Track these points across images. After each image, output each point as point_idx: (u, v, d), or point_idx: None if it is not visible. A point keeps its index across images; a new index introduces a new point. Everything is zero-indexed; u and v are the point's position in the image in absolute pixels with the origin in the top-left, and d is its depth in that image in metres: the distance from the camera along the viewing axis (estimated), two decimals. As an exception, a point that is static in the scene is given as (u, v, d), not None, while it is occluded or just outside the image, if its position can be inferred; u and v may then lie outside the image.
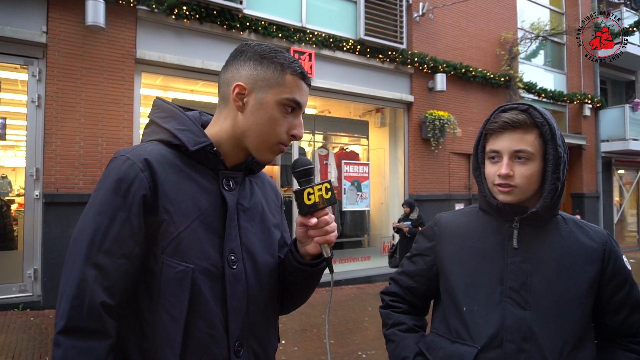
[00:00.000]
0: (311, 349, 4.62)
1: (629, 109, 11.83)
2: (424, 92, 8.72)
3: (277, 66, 0.98)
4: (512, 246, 1.18)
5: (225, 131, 1.01)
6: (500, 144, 1.17)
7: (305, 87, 1.02)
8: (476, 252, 1.21)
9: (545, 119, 1.15)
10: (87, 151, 5.55)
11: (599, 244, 1.18)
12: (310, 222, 0.98)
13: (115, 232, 0.87)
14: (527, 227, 1.19)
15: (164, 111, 1.03)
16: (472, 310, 1.17)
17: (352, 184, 8.06)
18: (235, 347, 0.95)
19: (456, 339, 1.18)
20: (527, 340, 1.10)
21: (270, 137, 0.99)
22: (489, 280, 1.18)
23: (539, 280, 1.14)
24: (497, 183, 1.17)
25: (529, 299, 1.13)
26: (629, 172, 13.45)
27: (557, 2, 12.04)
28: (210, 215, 0.96)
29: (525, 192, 1.17)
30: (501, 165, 1.16)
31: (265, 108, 0.98)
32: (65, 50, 5.45)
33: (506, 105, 1.21)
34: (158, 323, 0.89)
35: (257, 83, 0.98)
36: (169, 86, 7.34)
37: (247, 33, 6.78)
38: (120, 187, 0.89)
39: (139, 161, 0.91)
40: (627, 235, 13.76)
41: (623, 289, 1.18)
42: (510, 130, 1.16)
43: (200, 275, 0.92)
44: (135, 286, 0.92)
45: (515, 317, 1.12)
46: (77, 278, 0.85)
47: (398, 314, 1.38)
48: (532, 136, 1.15)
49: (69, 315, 0.84)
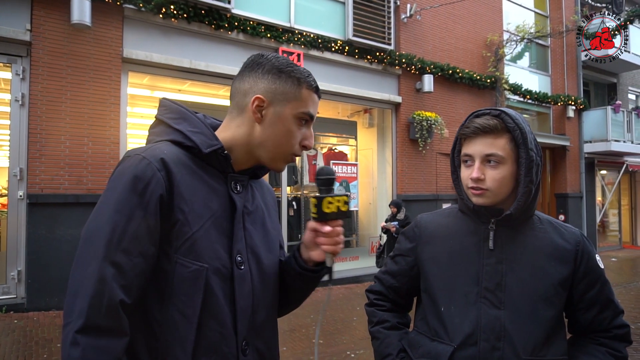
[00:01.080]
0: (300, 349, 4.63)
1: (611, 110, 12.07)
2: (411, 93, 8.79)
3: (294, 81, 1.02)
4: (488, 247, 1.22)
5: (238, 138, 1.04)
6: (472, 149, 1.21)
7: (317, 100, 1.07)
8: (454, 253, 1.25)
9: (516, 124, 1.18)
10: (72, 151, 5.48)
11: (572, 245, 1.22)
12: (324, 229, 1.01)
13: (133, 231, 0.88)
14: (503, 228, 1.23)
15: (173, 112, 1.04)
16: (449, 310, 1.22)
17: (341, 184, 8.08)
18: (242, 346, 0.97)
19: (435, 337, 1.24)
20: (500, 339, 1.15)
21: (286, 149, 1.04)
22: (465, 281, 1.22)
23: (512, 280, 1.18)
24: (470, 186, 1.21)
25: (503, 298, 1.18)
26: (611, 173, 13.71)
27: (542, 5, 12.22)
28: (220, 216, 0.99)
29: (497, 195, 1.20)
30: (473, 169, 1.20)
31: (283, 121, 1.02)
32: (50, 48, 5.37)
33: (479, 111, 1.25)
34: (169, 322, 0.91)
35: (275, 96, 1.01)
36: (156, 86, 7.28)
37: (235, 33, 6.76)
38: (137, 185, 0.89)
39: (156, 161, 0.92)
40: (609, 234, 14.03)
41: (594, 287, 1.22)
42: (482, 135, 1.19)
43: (212, 275, 0.94)
44: (147, 286, 0.92)
45: (489, 317, 1.17)
46: (95, 276, 0.85)
47: (382, 312, 1.42)
48: (503, 140, 1.18)
49: (88, 313, 0.83)
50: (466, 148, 1.24)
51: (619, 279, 8.87)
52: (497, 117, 1.20)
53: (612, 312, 1.24)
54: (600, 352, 1.22)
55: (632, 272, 9.97)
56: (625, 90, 14.72)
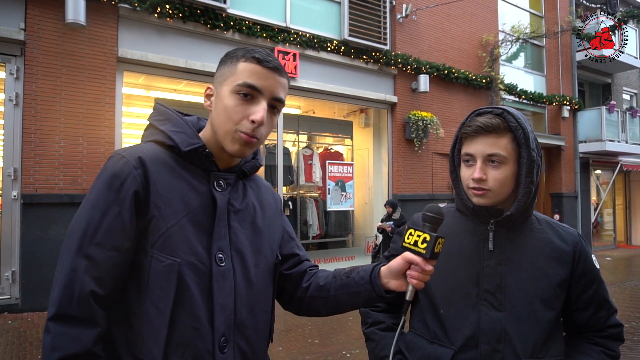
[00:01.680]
0: (295, 349, 4.62)
1: (606, 110, 12.13)
2: (407, 93, 8.80)
3: (233, 60, 1.02)
4: (488, 249, 1.21)
5: (208, 134, 1.06)
6: (474, 148, 1.19)
7: (262, 71, 0.99)
8: (453, 254, 1.22)
9: (519, 123, 1.16)
10: (67, 151, 5.45)
11: (570, 246, 1.22)
12: (427, 267, 1.01)
13: (107, 225, 0.91)
14: (502, 228, 1.22)
15: (161, 114, 1.07)
16: (449, 313, 1.20)
17: (337, 184, 8.08)
18: (220, 342, 0.97)
19: (434, 340, 1.22)
20: (501, 341, 1.14)
21: (228, 126, 0.99)
22: (465, 283, 1.20)
23: (512, 282, 1.17)
24: (471, 186, 1.19)
25: (503, 300, 1.16)
26: (605, 173, 13.79)
27: (537, 6, 12.27)
28: (199, 213, 0.99)
29: (499, 195, 1.18)
30: (475, 169, 1.18)
31: (222, 99, 1.01)
32: (44, 47, 5.35)
33: (481, 109, 1.22)
34: (144, 315, 0.92)
35: (217, 80, 1.04)
36: (151, 85, 7.26)
37: (230, 33, 6.75)
38: (113, 183, 0.93)
39: (133, 159, 0.95)
40: (604, 234, 14.12)
41: (591, 287, 1.23)
42: (484, 134, 1.17)
43: (186, 269, 0.94)
44: (126, 280, 0.95)
45: (490, 319, 1.16)
46: (68, 267, 0.89)
47: (377, 313, 1.40)
48: (505, 140, 1.16)
49: (60, 302, 0.87)
50: (467, 147, 1.21)
51: (613, 278, 8.92)
52: (500, 116, 1.18)
53: (606, 311, 1.24)
54: (595, 351, 1.23)
55: (626, 271, 10.03)
56: (620, 90, 14.81)
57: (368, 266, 1.13)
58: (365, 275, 1.11)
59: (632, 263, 11.22)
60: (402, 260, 1.04)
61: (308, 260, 1.27)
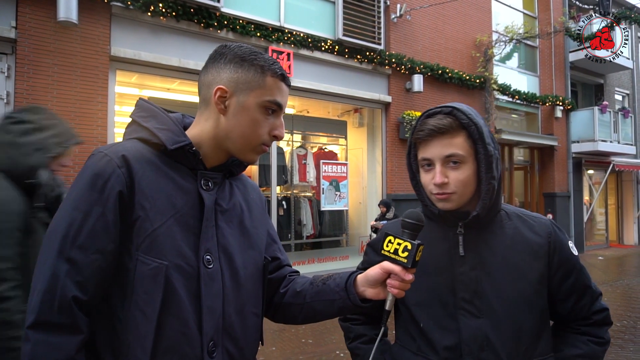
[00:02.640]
0: (289, 349, 4.62)
1: (598, 111, 12.22)
2: (401, 92, 8.81)
3: (257, 68, 0.99)
4: (459, 254, 1.16)
5: (206, 132, 1.02)
6: (430, 152, 1.14)
7: (285, 88, 1.03)
8: (425, 264, 1.15)
9: (470, 119, 1.13)
10: (59, 150, 5.39)
11: (543, 237, 1.18)
12: (407, 277, 0.98)
13: (90, 227, 0.87)
14: (472, 230, 1.17)
15: (144, 111, 1.03)
16: (428, 325, 1.16)
17: (331, 183, 8.08)
18: (209, 347, 0.94)
19: (418, 352, 1.18)
20: (483, 349, 1.10)
21: (253, 139, 1.01)
22: (441, 293, 1.16)
23: (488, 286, 1.13)
24: (434, 192, 1.15)
25: (482, 306, 1.12)
26: (597, 172, 13.89)
27: (530, 7, 12.33)
28: (186, 214, 0.96)
29: (463, 196, 1.14)
30: (435, 173, 1.14)
31: (247, 111, 0.99)
32: (35, 46, 5.29)
33: (430, 110, 1.19)
34: (130, 320, 0.88)
35: (238, 86, 0.99)
36: (144, 84, 7.21)
37: (224, 32, 6.72)
38: (96, 182, 0.89)
39: (117, 157, 0.91)
40: (596, 233, 14.22)
41: (570, 276, 1.19)
42: (438, 136, 1.13)
43: (174, 272, 0.91)
44: (110, 284, 0.91)
45: (470, 328, 1.12)
46: (48, 272, 0.85)
47: (357, 326, 1.37)
48: (460, 138, 1.13)
49: (40, 309, 0.83)
50: (423, 152, 1.17)
51: (605, 277, 8.99)
52: (450, 115, 1.14)
53: (589, 297, 1.21)
54: (582, 341, 1.20)
55: (618, 271, 10.11)
56: (612, 91, 14.92)
57: (345, 273, 1.10)
58: (340, 282, 1.07)
59: (624, 262, 11.32)
60: (380, 269, 1.01)
61: (289, 265, 1.24)
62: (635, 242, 14.90)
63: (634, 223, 15.03)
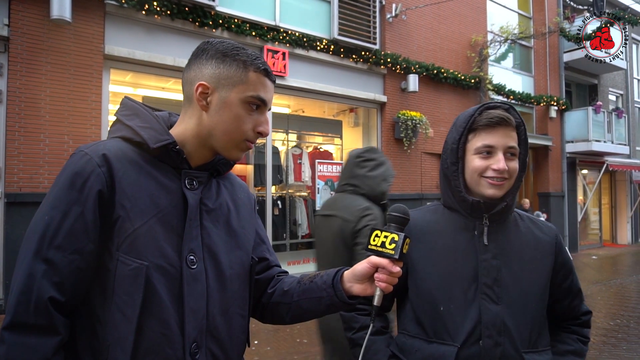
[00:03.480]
0: (284, 349, 4.61)
1: (592, 111, 12.28)
2: (396, 92, 8.82)
3: (239, 64, 0.98)
4: (483, 243, 1.21)
5: (190, 130, 1.01)
6: (495, 139, 1.20)
7: (269, 84, 1.02)
8: (448, 250, 1.23)
9: (522, 120, 1.24)
10: (52, 149, 5.36)
11: (551, 238, 1.28)
12: (395, 269, 0.98)
13: (68, 227, 0.86)
14: (493, 223, 1.24)
15: (128, 109, 1.02)
16: (448, 309, 1.18)
17: (326, 183, 8.07)
18: (191, 348, 0.92)
19: (432, 339, 1.19)
20: (501, 334, 1.15)
21: (236, 135, 0.99)
22: (463, 278, 1.20)
23: (507, 275, 1.19)
24: (491, 176, 1.19)
25: (500, 293, 1.18)
26: (591, 172, 13.96)
27: (525, 7, 12.38)
28: (169, 213, 0.94)
29: (509, 186, 1.23)
30: (496, 160, 1.19)
31: (230, 106, 0.98)
32: (28, 44, 5.25)
33: (489, 104, 1.25)
34: (110, 322, 0.87)
35: (220, 82, 0.98)
36: (139, 83, 7.18)
37: (219, 31, 6.70)
38: (75, 181, 0.88)
39: (97, 156, 0.90)
40: (590, 233, 14.30)
41: (569, 277, 1.30)
42: (504, 126, 1.20)
43: (155, 273, 0.90)
44: (90, 284, 0.90)
45: (490, 313, 1.16)
46: (25, 273, 0.84)
47: (364, 317, 1.36)
48: (515, 134, 1.23)
49: (15, 310, 0.82)
50: (485, 139, 1.20)
51: (599, 276, 9.04)
52: (509, 112, 1.23)
53: (579, 300, 1.32)
54: (572, 339, 1.30)
55: (612, 270, 10.17)
56: (606, 91, 15.00)
57: (332, 270, 1.08)
58: (327, 279, 1.06)
59: (618, 261, 11.38)
60: (367, 264, 1.00)
61: (278, 265, 1.22)
62: (629, 242, 15.00)
63: (627, 222, 15.13)
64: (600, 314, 6.09)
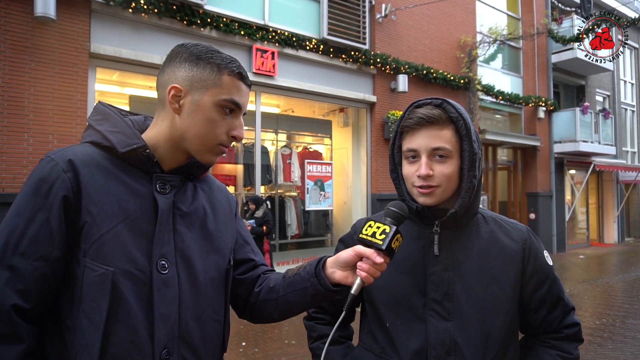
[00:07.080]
0: (272, 350, 4.58)
1: (580, 112, 12.40)
2: (386, 92, 8.83)
3: (213, 67, 0.97)
4: (433, 253, 1.12)
5: (162, 134, 0.99)
6: (417, 142, 1.10)
7: (244, 88, 1.01)
8: (397, 262, 1.11)
9: (459, 114, 1.09)
10: (36, 149, 5.28)
11: (519, 244, 1.15)
12: (378, 260, 0.95)
13: (33, 234, 0.86)
14: (447, 230, 1.14)
15: (99, 114, 1.02)
16: (395, 325, 1.12)
17: (315, 183, 8.05)
18: (162, 355, 0.91)
19: (381, 354, 1.14)
20: (450, 353, 1.07)
21: (209, 139, 0.98)
22: (411, 293, 1.12)
23: (460, 288, 1.10)
24: (418, 185, 1.10)
25: (452, 309, 1.09)
26: (579, 172, 14.10)
27: (514, 8, 12.47)
28: (139, 218, 0.93)
29: (445, 192, 1.11)
30: (420, 165, 1.09)
31: (203, 110, 0.96)
32: (11, 42, 5.16)
33: (420, 101, 1.15)
34: (77, 328, 0.87)
35: (193, 84, 0.97)
36: (125, 82, 7.10)
37: (207, 29, 6.65)
38: (41, 187, 0.88)
39: (63, 162, 0.90)
40: (577, 232, 14.45)
41: (543, 286, 1.16)
42: (427, 126, 1.09)
43: (122, 279, 0.88)
44: (59, 291, 0.89)
45: (438, 331, 1.08)
46: None
47: (322, 326, 1.33)
48: (448, 132, 1.09)
49: None
50: (409, 142, 1.12)
51: (586, 275, 9.13)
52: (440, 107, 1.10)
53: (561, 310, 1.18)
54: (550, 355, 1.16)
55: (598, 269, 10.28)
56: (593, 92, 15.17)
57: (315, 259, 1.08)
58: (310, 269, 1.05)
59: (604, 261, 11.52)
60: (352, 252, 0.98)
61: (264, 265, 1.21)
62: (615, 241, 15.19)
63: (614, 222, 15.32)
64: (586, 313, 6.15)
